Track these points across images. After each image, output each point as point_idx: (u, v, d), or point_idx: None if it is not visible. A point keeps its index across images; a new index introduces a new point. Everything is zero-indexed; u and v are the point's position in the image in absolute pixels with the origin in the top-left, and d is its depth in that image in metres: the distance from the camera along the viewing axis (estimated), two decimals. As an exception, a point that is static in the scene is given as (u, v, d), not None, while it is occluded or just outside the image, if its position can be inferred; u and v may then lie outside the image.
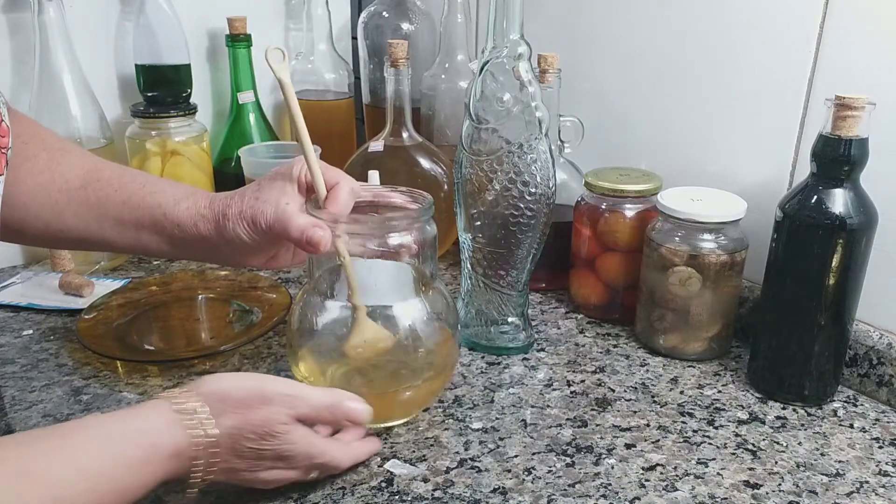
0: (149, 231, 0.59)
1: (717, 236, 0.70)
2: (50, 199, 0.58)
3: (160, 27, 0.93)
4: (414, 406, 0.62)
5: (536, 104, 0.66)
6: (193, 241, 0.59)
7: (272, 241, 0.58)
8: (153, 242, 0.60)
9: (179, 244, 0.59)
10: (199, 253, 0.61)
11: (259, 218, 0.57)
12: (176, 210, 0.58)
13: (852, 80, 0.66)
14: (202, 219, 0.58)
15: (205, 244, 0.59)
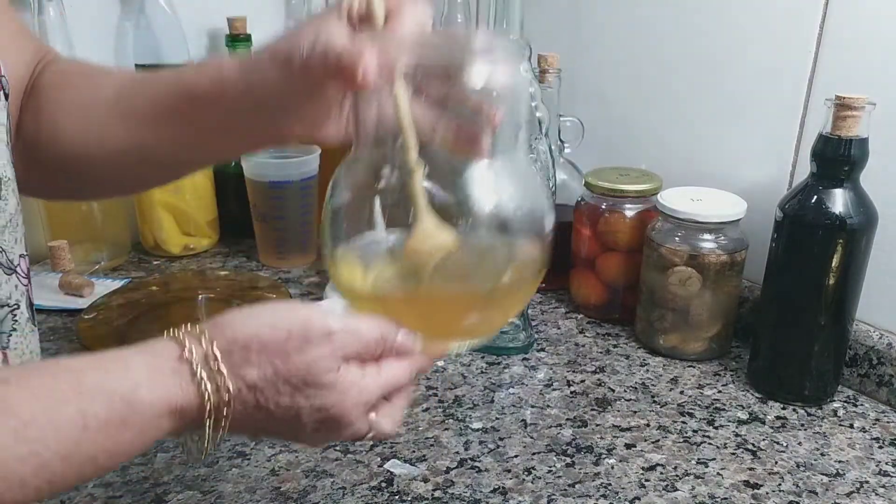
0: (177, 119, 0.49)
1: (717, 236, 0.70)
2: (92, 118, 0.51)
3: (160, 27, 0.93)
4: (486, 325, 0.46)
5: (536, 104, 0.66)
6: (220, 111, 0.48)
7: (312, 87, 0.45)
8: (183, 134, 0.50)
9: (208, 120, 0.49)
10: (231, 128, 0.50)
11: (294, 54, 0.43)
12: (196, 76, 0.48)
13: (852, 80, 0.66)
14: (226, 79, 0.47)
15: (234, 110, 0.48)
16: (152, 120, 0.50)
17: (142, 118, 0.50)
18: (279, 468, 0.57)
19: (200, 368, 0.37)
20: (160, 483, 0.55)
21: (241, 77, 0.46)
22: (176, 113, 0.49)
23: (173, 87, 0.50)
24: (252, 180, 0.92)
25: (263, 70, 0.45)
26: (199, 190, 0.97)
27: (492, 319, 0.46)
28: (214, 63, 0.51)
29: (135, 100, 0.51)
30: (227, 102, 0.47)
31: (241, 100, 0.47)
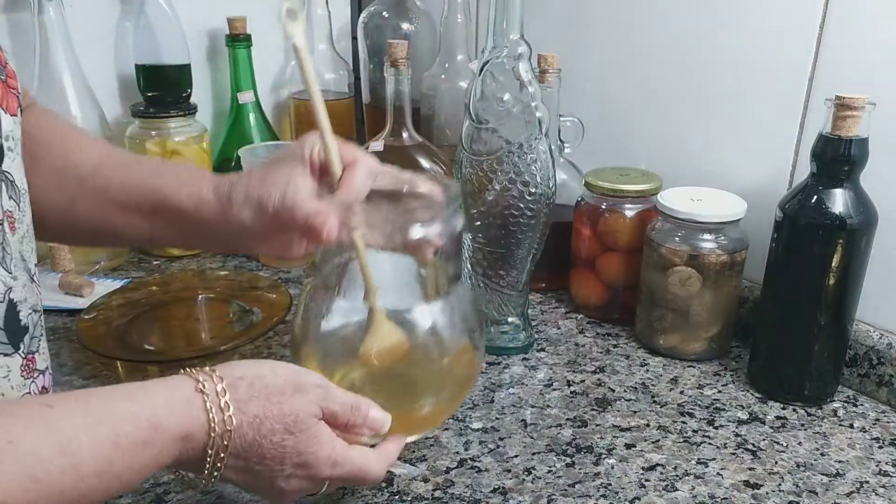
0: (151, 217, 0.55)
1: (717, 236, 0.70)
2: (63, 186, 0.55)
3: (160, 27, 0.93)
4: (430, 423, 0.55)
5: (536, 104, 0.66)
6: (198, 227, 0.54)
7: (280, 227, 0.52)
8: (158, 229, 0.56)
9: (185, 230, 0.55)
10: (206, 240, 0.57)
11: (265, 201, 0.50)
12: (178, 194, 0.53)
13: (852, 80, 0.66)
14: (204, 203, 0.53)
15: (209, 230, 0.54)
16: (126, 209, 0.55)
17: (115, 204, 0.55)
18: (279, 468, 0.56)
19: (210, 400, 0.41)
20: (160, 483, 0.55)
21: (217, 207, 0.52)
22: (151, 213, 0.55)
23: (151, 190, 0.54)
24: (252, 180, 0.92)
25: (238, 205, 0.51)
26: (199, 190, 0.97)
27: (435, 419, 0.55)
28: (195, 181, 0.54)
29: (110, 183, 0.55)
30: (202, 223, 0.53)
31: (216, 225, 0.53)
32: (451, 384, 0.54)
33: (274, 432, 0.43)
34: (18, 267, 0.47)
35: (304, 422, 0.44)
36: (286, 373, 0.45)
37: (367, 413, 0.47)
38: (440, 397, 0.53)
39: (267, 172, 0.52)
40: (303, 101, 1.10)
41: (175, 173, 0.55)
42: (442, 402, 0.53)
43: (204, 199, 0.53)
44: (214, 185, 0.53)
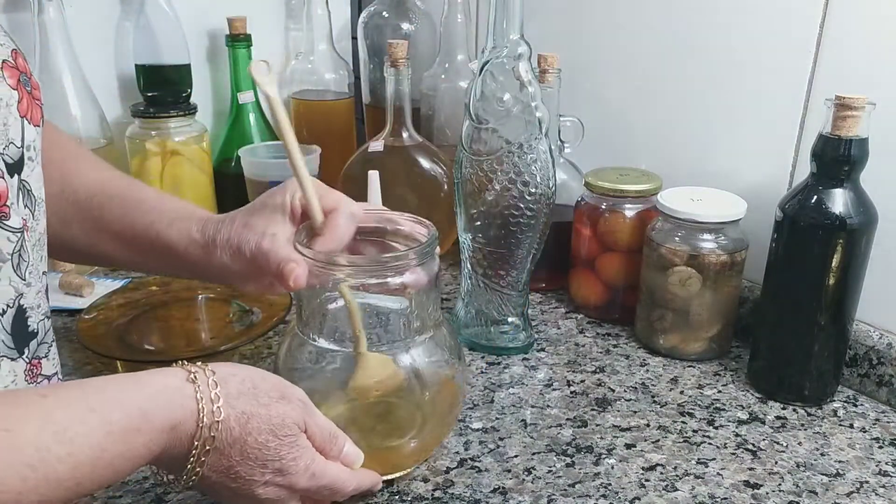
0: (144, 250, 0.58)
1: (717, 236, 0.70)
2: (59, 209, 0.57)
3: (160, 27, 0.93)
4: (414, 458, 0.56)
5: (536, 104, 0.66)
6: (186, 264, 0.57)
7: (258, 270, 0.55)
8: (150, 261, 0.59)
9: (174, 265, 0.58)
10: (194, 274, 0.59)
11: (244, 247, 0.54)
12: (168, 231, 0.56)
13: (852, 80, 0.66)
14: (192, 243, 0.56)
15: (197, 267, 0.57)
16: (119, 239, 0.58)
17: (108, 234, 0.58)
18: (279, 468, 0.56)
19: (201, 391, 0.42)
20: (160, 483, 0.54)
21: (202, 247, 0.55)
22: (142, 246, 0.57)
23: (144, 227, 0.57)
24: (252, 180, 0.92)
25: (220, 248, 0.55)
26: (199, 190, 0.97)
27: (418, 456, 0.56)
28: (186, 219, 0.56)
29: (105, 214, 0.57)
30: (190, 260, 0.56)
31: (202, 263, 0.56)
32: (433, 419, 0.54)
33: (259, 431, 0.43)
34: (33, 274, 0.48)
35: (289, 427, 0.45)
36: (274, 380, 0.46)
37: (342, 445, 0.49)
38: (423, 433, 0.54)
39: (249, 217, 0.55)
40: (303, 101, 1.10)
41: (168, 209, 0.58)
42: (424, 437, 0.54)
43: (192, 238, 0.56)
44: (202, 225, 0.56)
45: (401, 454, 0.54)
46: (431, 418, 0.54)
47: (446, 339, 0.55)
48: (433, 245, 0.53)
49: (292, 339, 0.54)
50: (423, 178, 0.91)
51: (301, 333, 0.53)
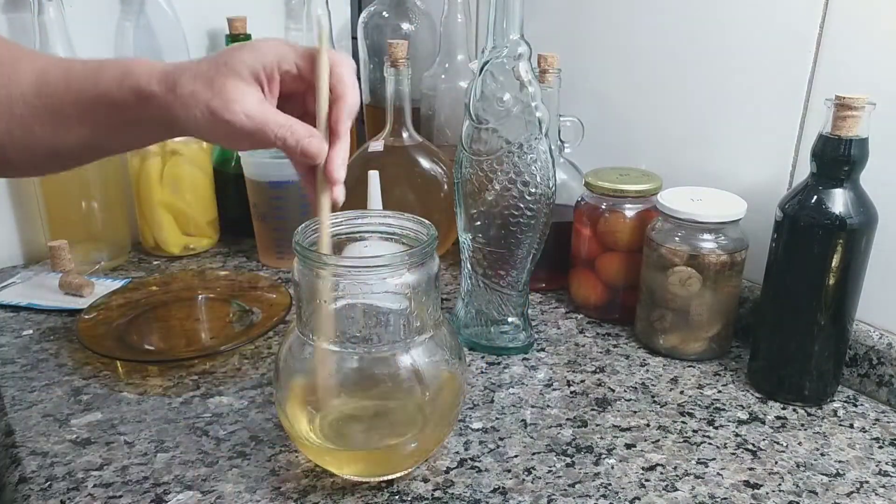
0: (110, 124, 0.52)
1: (717, 236, 0.70)
2: (14, 115, 0.52)
3: (160, 27, 0.93)
4: (414, 459, 0.55)
5: (536, 104, 0.66)
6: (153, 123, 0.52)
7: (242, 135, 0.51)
8: (125, 137, 0.54)
9: (145, 129, 0.54)
10: (153, 133, 0.55)
11: (218, 110, 0.49)
12: (120, 93, 0.51)
13: (852, 80, 0.66)
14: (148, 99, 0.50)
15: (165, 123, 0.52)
16: (74, 124, 0.52)
17: (65, 121, 0.52)
18: (279, 468, 0.57)
19: None
20: (160, 483, 0.55)
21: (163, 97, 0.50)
22: (97, 121, 0.52)
23: (95, 98, 0.51)
24: (252, 180, 0.92)
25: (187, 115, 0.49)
26: (199, 190, 0.97)
27: (418, 456, 0.55)
28: (133, 76, 0.51)
29: (55, 99, 0.52)
30: (149, 119, 0.51)
31: (163, 116, 0.51)
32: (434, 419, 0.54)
33: None
34: None
35: None
36: None
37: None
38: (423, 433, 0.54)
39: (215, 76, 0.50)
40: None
41: (112, 73, 0.52)
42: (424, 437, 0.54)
43: (145, 90, 0.50)
44: (158, 74, 0.51)
45: (401, 454, 0.54)
46: (431, 418, 0.54)
47: (446, 339, 0.55)
48: (433, 245, 0.52)
49: (292, 339, 0.54)
50: (423, 178, 0.91)
51: (301, 333, 0.53)
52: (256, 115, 0.49)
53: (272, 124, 0.49)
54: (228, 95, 0.49)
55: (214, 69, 0.49)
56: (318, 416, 0.54)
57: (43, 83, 0.52)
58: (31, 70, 0.53)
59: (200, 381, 0.68)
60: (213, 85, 0.49)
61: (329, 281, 0.50)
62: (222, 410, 0.64)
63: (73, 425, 0.61)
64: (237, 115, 0.48)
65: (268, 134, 0.49)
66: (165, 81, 0.50)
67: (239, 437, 0.60)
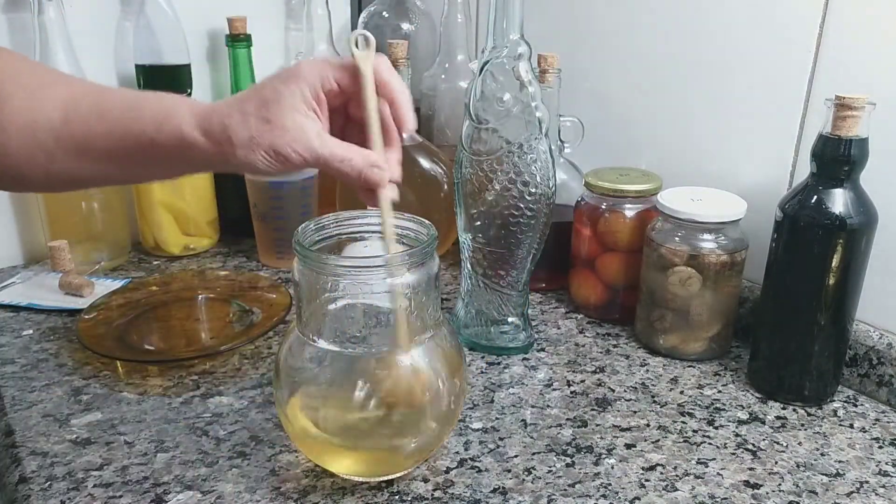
0: (144, 161, 0.52)
1: (717, 236, 0.70)
2: (37, 141, 0.51)
3: (160, 27, 0.93)
4: (414, 459, 0.55)
5: (536, 104, 0.66)
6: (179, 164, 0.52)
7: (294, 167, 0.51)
8: (157, 172, 0.54)
9: (183, 168, 0.53)
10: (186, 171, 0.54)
11: (282, 150, 0.49)
12: (157, 135, 0.50)
13: (852, 80, 0.66)
14: (189, 145, 0.50)
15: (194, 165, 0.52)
16: (103, 157, 0.51)
17: (92, 153, 0.51)
18: (279, 468, 0.57)
19: None
20: (160, 483, 0.55)
21: (212, 147, 0.49)
22: (130, 158, 0.51)
23: (131, 136, 0.50)
24: (252, 180, 0.92)
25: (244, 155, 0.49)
26: (199, 190, 0.97)
27: (418, 456, 0.55)
28: (174, 121, 0.50)
29: (85, 130, 0.51)
30: (188, 161, 0.51)
31: (209, 161, 0.50)
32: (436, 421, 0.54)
33: None
34: None
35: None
36: None
37: None
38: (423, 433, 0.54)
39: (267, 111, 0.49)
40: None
41: (152, 110, 0.51)
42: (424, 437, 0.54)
43: (187, 140, 0.49)
44: (197, 120, 0.50)
45: (401, 454, 0.54)
46: (431, 418, 0.54)
47: (446, 339, 0.55)
48: (433, 245, 0.52)
49: (292, 339, 0.54)
50: (423, 178, 0.90)
51: (301, 334, 0.53)
52: (318, 150, 0.49)
53: (333, 159, 0.50)
54: (290, 136, 0.48)
55: (266, 108, 0.49)
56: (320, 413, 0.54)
57: (72, 110, 0.51)
58: (61, 97, 0.52)
59: (200, 381, 0.68)
60: (272, 125, 0.48)
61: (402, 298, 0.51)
62: (222, 410, 0.64)
63: (73, 425, 0.61)
64: (301, 155, 0.49)
65: (330, 169, 0.50)
66: (211, 128, 0.49)
67: (239, 437, 0.60)
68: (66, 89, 0.52)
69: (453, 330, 0.57)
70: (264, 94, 0.49)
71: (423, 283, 0.51)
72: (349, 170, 0.50)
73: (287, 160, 0.49)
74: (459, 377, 0.55)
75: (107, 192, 0.91)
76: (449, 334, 0.55)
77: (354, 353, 0.52)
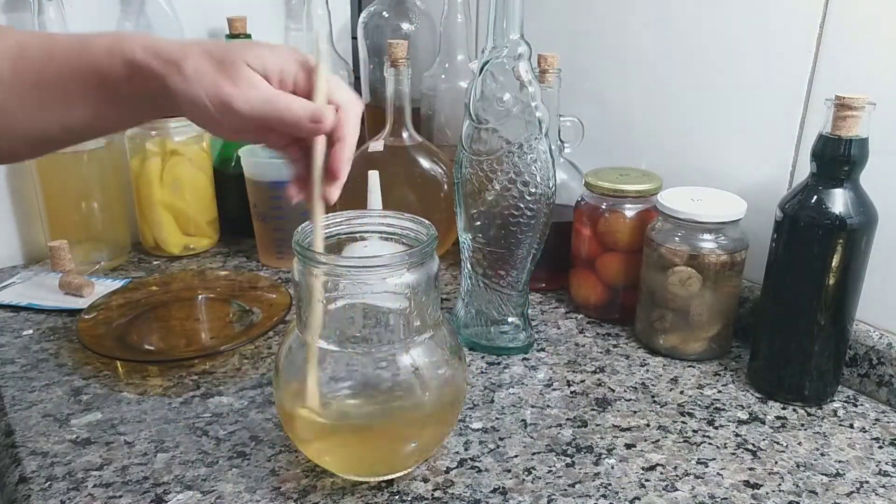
0: (97, 99, 0.49)
1: (717, 236, 0.70)
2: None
3: (160, 27, 0.93)
4: (414, 459, 0.55)
5: (536, 104, 0.66)
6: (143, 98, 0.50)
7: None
8: (112, 113, 0.51)
9: (135, 106, 0.51)
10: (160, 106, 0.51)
11: (224, 89, 0.47)
12: (111, 65, 0.48)
13: (852, 80, 0.66)
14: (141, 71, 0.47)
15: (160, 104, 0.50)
16: (56, 101, 0.49)
17: (45, 99, 0.49)
18: (279, 468, 0.57)
19: None
20: (160, 483, 0.55)
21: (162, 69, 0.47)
22: (83, 97, 0.49)
23: (81, 70, 0.48)
24: (252, 180, 0.92)
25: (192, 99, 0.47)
26: (199, 190, 0.97)
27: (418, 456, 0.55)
28: (126, 46, 0.48)
29: (36, 75, 0.49)
30: (142, 94, 0.48)
31: (157, 92, 0.48)
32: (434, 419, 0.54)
33: None
34: None
35: None
36: None
37: None
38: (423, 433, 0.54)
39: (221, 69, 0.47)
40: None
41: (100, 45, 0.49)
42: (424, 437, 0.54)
43: (138, 60, 0.48)
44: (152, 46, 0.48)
45: (401, 454, 0.54)
46: (431, 418, 0.54)
47: (446, 339, 0.55)
48: (433, 245, 0.52)
49: (292, 339, 0.54)
50: (423, 178, 0.91)
51: (301, 334, 0.53)
52: (263, 95, 0.47)
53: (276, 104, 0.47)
54: (241, 81, 0.47)
55: (226, 52, 0.47)
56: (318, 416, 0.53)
57: (20, 57, 0.49)
58: (8, 46, 0.49)
59: (200, 381, 0.68)
60: (225, 67, 0.47)
61: (321, 280, 0.50)
62: (222, 410, 0.64)
63: (73, 425, 0.61)
64: (248, 103, 0.47)
65: (270, 119, 0.47)
66: (163, 54, 0.47)
67: (239, 437, 0.60)
68: (13, 38, 0.50)
69: (453, 330, 0.57)
70: (231, 44, 0.49)
71: (422, 283, 0.51)
72: (291, 115, 0.48)
73: (230, 107, 0.47)
74: (459, 377, 0.55)
75: (107, 192, 0.92)
76: (449, 334, 0.55)
77: (354, 352, 0.52)
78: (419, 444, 0.54)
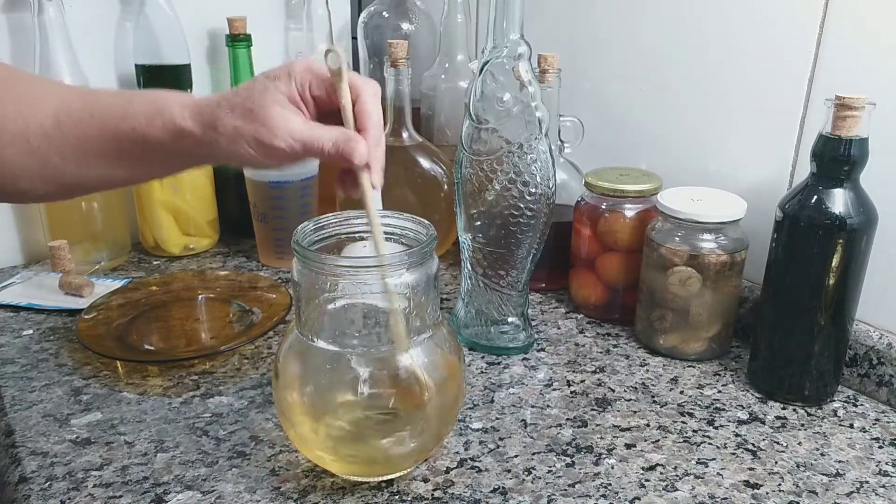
0: (137, 158, 0.52)
1: (717, 236, 0.70)
2: (30, 148, 0.51)
3: (160, 27, 0.93)
4: (414, 459, 0.55)
5: (536, 104, 0.66)
6: (175, 158, 0.53)
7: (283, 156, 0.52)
8: (151, 170, 0.55)
9: (175, 163, 0.54)
10: (181, 165, 0.55)
11: (264, 138, 0.50)
12: (150, 129, 0.51)
13: (852, 80, 0.66)
14: (185, 134, 0.50)
15: (191, 156, 0.53)
16: (97, 158, 0.52)
17: (86, 155, 0.52)
18: (279, 468, 0.57)
19: None
20: (160, 483, 0.55)
21: (202, 135, 0.50)
22: (123, 155, 0.52)
23: (123, 133, 0.51)
24: (252, 180, 0.92)
25: (227, 145, 0.50)
26: (199, 190, 0.97)
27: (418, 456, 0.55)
28: (165, 113, 0.51)
29: (77, 132, 0.51)
30: (180, 154, 0.52)
31: (200, 152, 0.51)
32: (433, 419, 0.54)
33: None
34: None
35: None
36: None
37: None
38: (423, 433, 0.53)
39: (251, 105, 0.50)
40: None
41: (141, 109, 0.51)
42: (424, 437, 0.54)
43: (181, 127, 0.50)
44: (192, 110, 0.51)
45: (401, 454, 0.54)
46: (431, 418, 0.54)
47: (446, 339, 0.55)
48: (432, 245, 0.52)
49: (292, 339, 0.54)
50: (423, 178, 0.91)
51: (301, 333, 0.53)
52: (299, 133, 0.50)
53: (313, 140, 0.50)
54: (274, 124, 0.49)
55: (251, 100, 0.50)
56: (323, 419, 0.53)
57: (63, 113, 0.52)
58: (51, 100, 0.52)
59: (200, 381, 0.68)
60: (254, 115, 0.49)
61: None
62: (222, 410, 0.64)
63: (73, 425, 0.61)
64: (286, 140, 0.49)
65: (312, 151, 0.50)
66: (201, 118, 0.50)
67: (239, 437, 0.60)
68: (57, 95, 0.53)
69: (453, 330, 0.57)
70: (252, 87, 0.51)
71: (422, 284, 0.51)
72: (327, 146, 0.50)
73: (273, 149, 0.50)
74: (459, 377, 0.55)
75: (107, 192, 0.91)
76: (448, 334, 0.55)
77: (354, 353, 0.52)
78: (419, 445, 0.54)
